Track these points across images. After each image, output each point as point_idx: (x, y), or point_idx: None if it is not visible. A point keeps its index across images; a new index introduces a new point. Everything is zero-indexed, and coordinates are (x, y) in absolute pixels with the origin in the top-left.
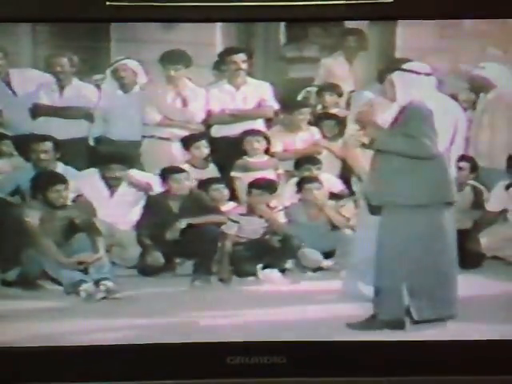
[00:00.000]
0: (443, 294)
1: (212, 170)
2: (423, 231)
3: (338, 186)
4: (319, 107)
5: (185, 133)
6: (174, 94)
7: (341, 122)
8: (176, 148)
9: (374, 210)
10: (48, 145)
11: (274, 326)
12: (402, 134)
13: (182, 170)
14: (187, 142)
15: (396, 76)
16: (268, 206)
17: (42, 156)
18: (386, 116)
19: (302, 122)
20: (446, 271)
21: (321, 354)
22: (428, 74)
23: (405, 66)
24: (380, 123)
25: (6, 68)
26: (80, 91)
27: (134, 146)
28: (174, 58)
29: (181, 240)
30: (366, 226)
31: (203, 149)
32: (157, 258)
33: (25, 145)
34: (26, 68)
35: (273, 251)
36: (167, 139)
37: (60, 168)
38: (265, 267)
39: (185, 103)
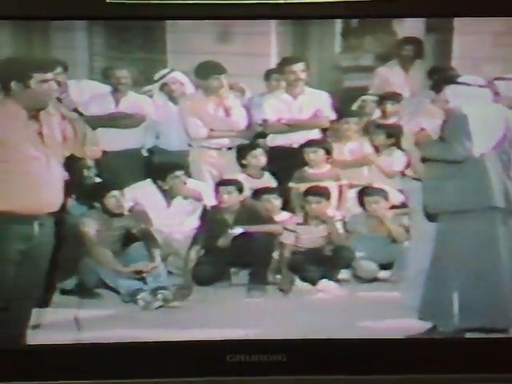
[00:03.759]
0: (496, 304)
1: (267, 180)
2: (476, 238)
3: (397, 198)
4: (377, 116)
5: (234, 142)
6: (217, 105)
7: (396, 133)
8: (226, 157)
9: (432, 218)
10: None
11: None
12: (439, 140)
13: (233, 182)
14: (243, 152)
15: (449, 87)
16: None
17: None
18: (435, 125)
19: (354, 132)
20: (500, 280)
21: (321, 352)
22: (481, 86)
23: (459, 79)
24: (430, 131)
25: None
26: (135, 102)
27: (185, 156)
28: (210, 69)
29: (235, 250)
30: (423, 238)
31: (260, 158)
32: (211, 268)
33: None
34: (82, 79)
35: (327, 261)
36: (218, 149)
37: (117, 178)
38: (322, 277)
39: (228, 113)
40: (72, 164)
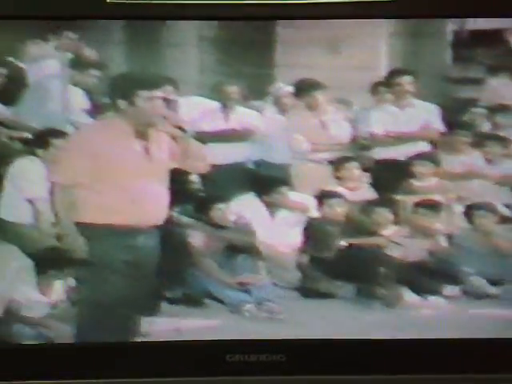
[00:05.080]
0: None
1: (368, 192)
2: None
3: (507, 212)
4: (487, 128)
5: (336, 155)
6: (319, 119)
7: (508, 145)
8: (327, 171)
9: None
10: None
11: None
12: None
13: (336, 194)
14: (339, 164)
15: None
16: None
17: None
18: None
19: (465, 145)
20: None
21: (320, 352)
22: None
23: None
24: None
25: (175, 97)
26: (244, 117)
27: (289, 169)
28: (307, 86)
29: (341, 262)
30: None
31: (354, 171)
32: (316, 281)
33: None
34: (192, 96)
35: (433, 275)
36: (319, 162)
37: (219, 191)
38: (430, 292)
39: (330, 127)
40: (178, 178)
